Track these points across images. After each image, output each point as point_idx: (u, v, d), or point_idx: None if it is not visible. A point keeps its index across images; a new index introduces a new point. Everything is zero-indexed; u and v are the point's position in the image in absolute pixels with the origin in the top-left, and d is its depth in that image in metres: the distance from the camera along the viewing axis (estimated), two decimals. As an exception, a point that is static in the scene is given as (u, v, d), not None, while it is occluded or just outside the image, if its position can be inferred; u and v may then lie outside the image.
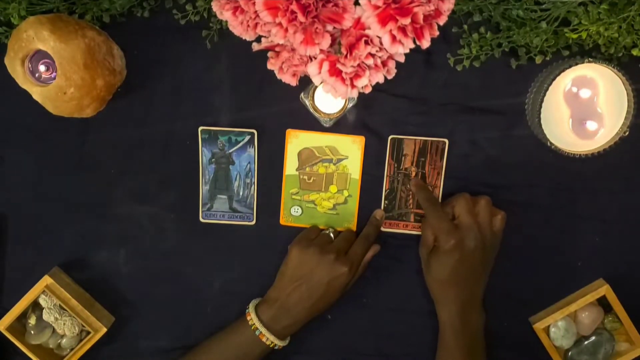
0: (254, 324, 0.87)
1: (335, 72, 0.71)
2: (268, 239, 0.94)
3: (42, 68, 0.82)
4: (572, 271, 0.93)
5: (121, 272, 0.95)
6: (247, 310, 0.89)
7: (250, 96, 0.90)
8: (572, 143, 0.85)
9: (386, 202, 0.92)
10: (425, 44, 0.70)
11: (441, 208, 0.88)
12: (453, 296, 0.86)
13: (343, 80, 0.71)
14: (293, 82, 0.77)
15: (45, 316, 0.91)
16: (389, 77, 0.73)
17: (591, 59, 0.81)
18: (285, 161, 0.92)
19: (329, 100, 0.86)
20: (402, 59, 0.72)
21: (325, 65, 0.71)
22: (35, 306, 0.92)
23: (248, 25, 0.72)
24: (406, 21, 0.67)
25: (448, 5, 0.70)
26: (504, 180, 0.91)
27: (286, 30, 0.69)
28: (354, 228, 0.93)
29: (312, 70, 0.71)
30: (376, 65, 0.71)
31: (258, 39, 0.75)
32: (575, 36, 0.80)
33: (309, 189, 0.92)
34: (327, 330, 0.95)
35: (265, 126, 0.91)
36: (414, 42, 0.69)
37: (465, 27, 0.85)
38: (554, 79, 0.81)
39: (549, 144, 0.85)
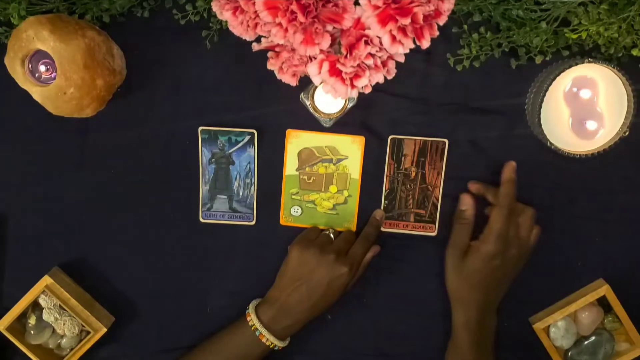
0: (254, 324, 0.87)
1: (335, 72, 0.71)
2: (268, 239, 0.94)
3: (42, 68, 0.82)
4: (572, 271, 0.93)
5: (121, 272, 0.95)
6: (247, 311, 0.89)
7: (250, 96, 0.90)
8: (572, 143, 0.85)
9: (386, 202, 0.92)
10: (425, 44, 0.70)
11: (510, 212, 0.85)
12: (476, 299, 0.86)
13: (343, 80, 0.71)
14: (293, 82, 0.77)
15: (45, 316, 0.91)
16: (389, 77, 0.73)
17: (591, 59, 0.81)
18: (285, 161, 0.92)
19: (329, 100, 0.86)
20: (402, 59, 0.72)
21: (325, 66, 0.71)
22: (35, 306, 0.92)
23: (248, 25, 0.72)
24: (406, 21, 0.67)
25: (448, 5, 0.70)
26: (504, 180, 0.91)
27: (286, 30, 0.69)
28: (354, 228, 0.93)
29: (312, 70, 0.71)
30: (376, 65, 0.71)
31: (258, 39, 0.75)
32: (575, 36, 0.80)
33: (309, 189, 0.92)
34: (327, 330, 0.95)
35: (265, 126, 0.91)
36: (414, 42, 0.69)
37: (465, 27, 0.85)
38: (554, 79, 0.81)
39: (549, 144, 0.85)
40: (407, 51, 0.69)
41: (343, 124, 0.90)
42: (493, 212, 0.85)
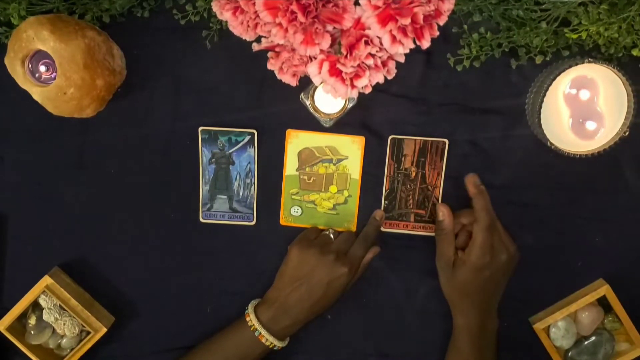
0: (253, 324, 0.86)
1: (335, 72, 0.71)
2: (268, 239, 0.94)
3: (42, 68, 0.82)
4: (572, 271, 0.93)
5: (121, 272, 0.95)
6: (246, 311, 0.89)
7: (250, 96, 0.90)
8: (572, 143, 0.85)
9: (386, 202, 0.92)
10: (425, 44, 0.70)
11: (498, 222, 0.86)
12: (474, 305, 0.86)
13: (343, 80, 0.71)
14: (293, 82, 0.76)
15: (45, 316, 0.91)
16: (389, 77, 0.73)
17: (591, 59, 0.81)
18: (285, 161, 0.92)
19: (329, 100, 0.86)
20: (402, 59, 0.72)
21: (325, 66, 0.70)
22: (35, 306, 0.92)
23: (248, 26, 0.72)
24: (406, 21, 0.67)
25: (448, 6, 0.70)
26: (504, 180, 0.91)
27: (286, 30, 0.69)
28: (354, 228, 0.93)
29: (312, 70, 0.71)
30: (376, 65, 0.71)
31: (258, 39, 0.75)
32: (575, 36, 0.80)
33: (309, 189, 0.92)
34: (327, 330, 0.95)
35: (265, 126, 0.91)
36: (414, 42, 0.69)
37: (465, 27, 0.85)
38: (553, 79, 0.81)
39: (549, 144, 0.85)
40: (407, 51, 0.69)
41: (343, 124, 0.90)
42: (474, 228, 0.85)
